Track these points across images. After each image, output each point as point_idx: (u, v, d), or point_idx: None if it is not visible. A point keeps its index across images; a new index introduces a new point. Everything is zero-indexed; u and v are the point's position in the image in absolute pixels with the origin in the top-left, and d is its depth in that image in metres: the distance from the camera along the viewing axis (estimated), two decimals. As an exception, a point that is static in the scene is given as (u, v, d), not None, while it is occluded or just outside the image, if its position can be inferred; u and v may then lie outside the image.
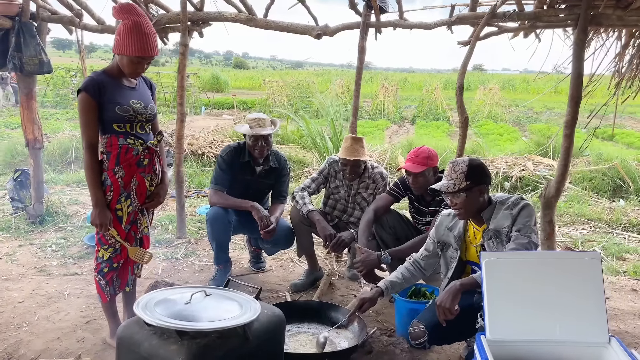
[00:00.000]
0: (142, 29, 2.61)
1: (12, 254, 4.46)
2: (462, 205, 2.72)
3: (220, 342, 2.07)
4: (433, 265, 3.07)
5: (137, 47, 2.61)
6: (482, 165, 2.78)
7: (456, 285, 2.58)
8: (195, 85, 19.59)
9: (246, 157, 3.84)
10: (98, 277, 2.96)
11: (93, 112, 2.69)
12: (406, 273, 3.00)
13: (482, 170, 2.75)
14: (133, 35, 2.60)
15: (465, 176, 2.68)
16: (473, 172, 2.69)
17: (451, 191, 2.69)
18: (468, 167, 2.70)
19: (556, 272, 2.31)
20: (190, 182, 7.16)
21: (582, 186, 7.25)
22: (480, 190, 2.72)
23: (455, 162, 2.76)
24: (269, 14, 4.52)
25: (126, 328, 2.19)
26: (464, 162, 2.73)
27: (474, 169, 2.71)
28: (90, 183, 2.77)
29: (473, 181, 2.69)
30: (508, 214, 2.70)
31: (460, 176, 2.69)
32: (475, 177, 2.70)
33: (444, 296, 2.56)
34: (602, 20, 3.75)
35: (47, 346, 3.06)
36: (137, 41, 2.61)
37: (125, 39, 2.61)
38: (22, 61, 4.60)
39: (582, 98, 3.72)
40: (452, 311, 2.53)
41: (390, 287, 2.97)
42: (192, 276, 4.15)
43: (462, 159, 2.77)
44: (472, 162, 2.75)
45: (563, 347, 2.24)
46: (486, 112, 19.29)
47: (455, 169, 2.72)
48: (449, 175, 2.73)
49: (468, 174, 2.68)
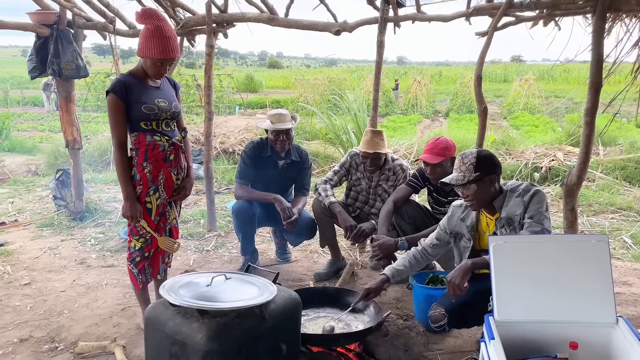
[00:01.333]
0: (163, 33, 2.78)
1: (55, 248, 4.76)
2: (473, 196, 2.75)
3: (239, 321, 2.22)
4: (440, 253, 3.15)
5: (158, 49, 2.78)
6: (490, 155, 2.80)
7: (467, 263, 2.66)
8: (229, 86, 19.97)
9: (269, 151, 3.99)
10: (131, 265, 3.17)
11: (121, 112, 2.88)
12: (413, 260, 3.08)
13: (491, 160, 2.77)
14: (155, 39, 2.77)
15: (474, 167, 2.71)
16: (482, 163, 2.72)
17: (461, 183, 2.72)
18: (477, 158, 2.72)
19: (563, 254, 2.35)
20: (222, 178, 7.39)
21: (613, 175, 7.11)
22: (490, 181, 2.74)
23: (464, 154, 2.78)
24: (290, 13, 4.65)
25: (153, 309, 2.37)
26: (472, 153, 2.75)
27: (482, 159, 2.73)
28: (121, 178, 2.98)
29: (482, 172, 2.71)
30: (520, 201, 2.72)
31: (469, 168, 2.71)
32: (485, 167, 2.72)
33: (454, 273, 2.65)
34: (620, 6, 3.71)
35: (86, 331, 3.29)
36: (159, 44, 2.78)
37: (147, 42, 2.79)
38: (60, 67, 4.88)
39: (602, 85, 3.70)
40: (462, 287, 2.61)
41: (396, 274, 3.04)
42: (222, 267, 4.34)
43: (471, 150, 2.80)
44: (480, 152, 2.77)
45: (570, 327, 2.27)
46: (522, 103, 18.93)
47: (464, 161, 2.74)
48: (459, 167, 2.76)
49: (477, 165, 2.71)
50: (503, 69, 39.66)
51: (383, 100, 18.45)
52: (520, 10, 4.02)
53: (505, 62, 55.96)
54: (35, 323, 3.37)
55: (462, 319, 2.86)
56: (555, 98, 23.18)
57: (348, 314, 3.06)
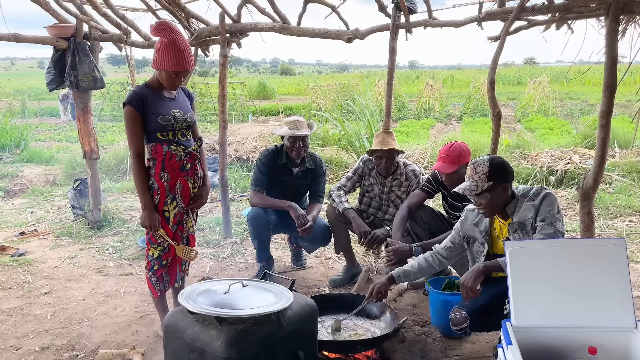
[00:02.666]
0: (177, 46, 2.82)
1: (74, 257, 4.83)
2: (486, 204, 2.76)
3: (256, 328, 2.24)
4: (455, 256, 3.15)
5: (173, 62, 2.83)
6: (503, 163, 2.79)
7: (479, 266, 2.68)
8: (242, 94, 20.10)
9: (283, 159, 4.02)
10: (149, 274, 3.21)
11: (138, 123, 2.94)
12: (423, 263, 3.08)
13: (504, 168, 2.76)
14: (169, 52, 2.82)
15: (487, 177, 2.70)
16: (495, 172, 2.71)
17: (474, 193, 2.72)
18: (489, 167, 2.71)
19: (580, 258, 2.34)
20: (236, 186, 7.44)
21: (630, 177, 7.03)
22: (503, 188, 2.74)
23: (476, 163, 2.76)
24: (302, 21, 4.70)
25: (172, 317, 2.40)
26: (485, 162, 2.73)
27: (495, 168, 2.72)
28: (139, 188, 3.02)
29: (495, 180, 2.70)
30: (530, 205, 2.73)
31: (482, 177, 2.70)
32: (498, 176, 2.71)
33: (467, 276, 2.67)
34: (634, 8, 3.69)
35: (106, 339, 3.34)
36: (173, 57, 2.82)
37: (162, 55, 2.83)
38: (77, 78, 4.97)
39: (617, 87, 3.68)
40: (474, 290, 2.62)
41: (402, 275, 3.06)
42: (237, 274, 4.38)
43: (483, 158, 2.77)
44: (492, 161, 2.75)
45: (589, 332, 2.26)
46: (536, 106, 18.78)
47: (476, 170, 2.73)
48: (471, 176, 2.75)
49: (490, 174, 2.70)
50: (516, 72, 39.37)
51: (395, 105, 18.43)
52: (532, 14, 4.01)
53: (518, 64, 55.62)
54: (55, 331, 3.43)
55: (483, 322, 2.86)
56: (570, 100, 22.96)
57: (364, 320, 3.07)
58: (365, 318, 3.17)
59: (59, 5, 4.86)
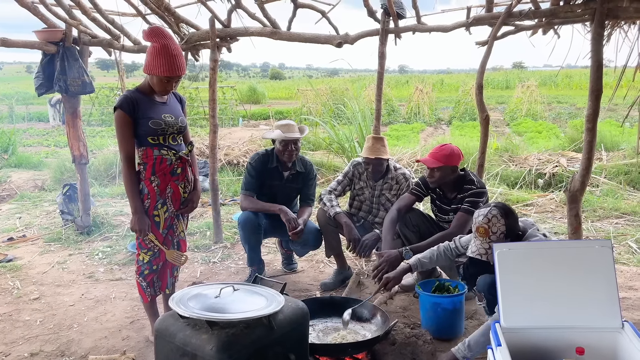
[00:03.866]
0: (169, 51, 2.83)
1: (63, 262, 4.80)
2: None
3: (247, 332, 2.26)
4: None
5: (165, 67, 2.84)
6: (512, 212, 2.75)
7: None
8: (232, 98, 20.07)
9: (274, 162, 4.03)
10: (139, 279, 3.20)
11: (128, 127, 2.94)
12: (441, 255, 3.12)
13: (515, 220, 2.74)
14: (161, 57, 2.83)
15: (504, 236, 2.67)
16: (510, 227, 2.69)
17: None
18: (506, 226, 2.67)
19: (567, 260, 2.38)
20: (227, 190, 7.43)
21: (617, 180, 7.12)
22: (517, 237, 2.74)
23: (490, 222, 2.67)
24: (292, 26, 4.72)
25: (163, 321, 2.41)
26: (500, 221, 2.66)
27: (510, 224, 2.69)
28: (129, 192, 3.02)
29: (512, 236, 2.70)
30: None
31: (500, 237, 2.67)
32: (513, 230, 2.70)
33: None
34: (619, 13, 3.76)
35: (96, 344, 3.32)
36: (165, 62, 2.83)
37: (154, 60, 2.84)
38: (66, 83, 4.95)
39: (602, 91, 3.74)
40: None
41: (419, 264, 3.09)
42: (228, 278, 4.37)
43: (492, 214, 2.69)
44: (506, 216, 2.69)
45: (577, 333, 2.30)
46: (524, 110, 18.95)
47: (492, 230, 2.66)
48: (487, 236, 2.67)
49: (507, 232, 2.67)
50: (505, 76, 39.66)
51: (385, 109, 18.50)
52: (519, 20, 4.08)
53: (506, 68, 55.96)
54: (45, 337, 3.41)
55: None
56: (558, 104, 23.19)
57: (355, 323, 3.08)
58: (356, 321, 3.18)
59: (48, 9, 4.84)
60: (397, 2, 4.37)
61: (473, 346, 2.66)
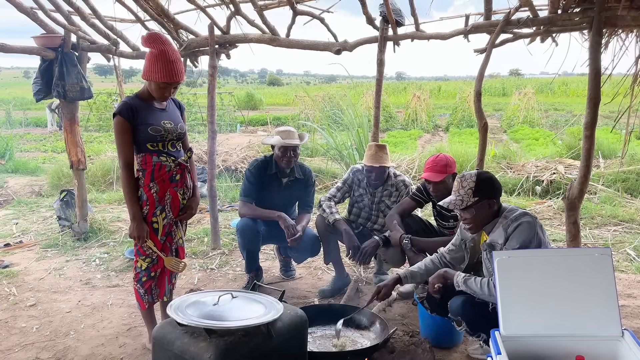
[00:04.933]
0: (167, 57, 2.83)
1: (60, 268, 4.77)
2: (471, 220, 2.73)
3: (246, 340, 2.24)
4: (459, 260, 3.10)
5: (162, 73, 2.83)
6: (490, 178, 2.76)
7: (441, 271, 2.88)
8: (230, 104, 20.09)
9: (273, 169, 4.03)
10: (137, 285, 3.18)
11: (128, 133, 2.93)
12: (430, 265, 3.07)
13: (491, 184, 2.73)
14: (159, 63, 2.82)
15: (473, 192, 2.67)
16: (481, 187, 2.68)
17: (459, 208, 2.71)
18: (476, 182, 2.68)
19: (567, 268, 2.38)
20: (225, 196, 7.42)
21: (614, 187, 7.14)
22: (489, 204, 2.70)
23: (463, 177, 2.74)
24: (291, 33, 4.73)
25: (160, 328, 2.39)
26: (472, 176, 2.71)
27: (482, 183, 2.69)
28: (128, 199, 3.01)
29: (481, 196, 2.67)
30: (502, 231, 2.66)
31: (468, 192, 2.68)
32: (484, 192, 2.68)
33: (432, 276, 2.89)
34: (617, 22, 3.77)
35: (92, 352, 3.30)
36: (163, 68, 2.83)
37: (152, 66, 2.84)
38: (65, 89, 4.94)
39: (600, 99, 3.75)
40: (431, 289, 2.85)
41: (409, 275, 3.05)
42: (226, 285, 4.35)
43: (470, 173, 2.75)
44: (480, 176, 2.72)
45: (576, 341, 2.29)
46: (522, 117, 19.02)
47: (463, 184, 2.70)
48: (457, 190, 2.72)
49: (476, 190, 2.67)
50: (502, 83, 39.85)
51: (383, 115, 18.55)
52: (517, 27, 4.08)
53: (503, 75, 56.24)
54: (41, 344, 3.38)
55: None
56: (555, 111, 23.28)
57: (354, 331, 3.07)
58: (355, 329, 3.17)
59: (47, 15, 4.84)
60: (396, 10, 4.38)
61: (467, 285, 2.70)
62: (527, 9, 3.94)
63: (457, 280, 2.73)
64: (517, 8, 3.95)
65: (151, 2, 4.50)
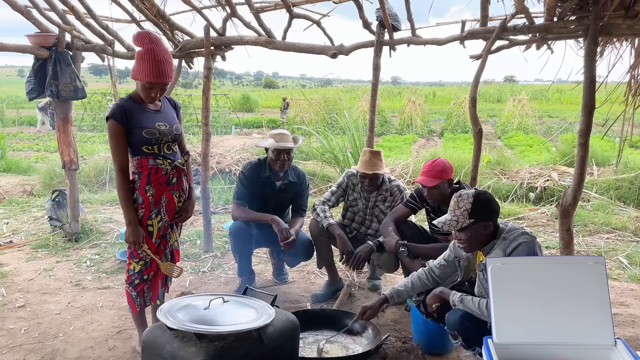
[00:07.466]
0: (154, 56, 2.74)
1: (50, 269, 4.72)
2: (465, 241, 2.68)
3: (237, 345, 2.22)
4: (448, 274, 3.08)
5: (147, 72, 2.75)
6: (488, 200, 2.69)
7: (436, 290, 2.86)
8: (225, 106, 20.09)
9: (267, 172, 4.01)
10: (129, 288, 3.13)
11: (122, 137, 2.87)
12: (416, 281, 3.04)
13: (488, 206, 2.66)
14: (145, 62, 2.74)
15: (469, 213, 2.61)
16: (478, 209, 2.61)
17: (454, 229, 2.65)
18: (473, 203, 2.61)
19: (561, 276, 2.38)
20: (218, 199, 7.38)
21: (607, 195, 7.17)
22: (485, 227, 2.64)
23: (460, 197, 2.67)
24: (287, 36, 4.72)
25: (150, 332, 2.36)
26: (469, 197, 2.63)
27: (478, 205, 2.62)
28: (123, 203, 2.95)
29: (477, 218, 2.61)
30: (501, 252, 2.62)
31: (464, 213, 2.61)
32: (480, 213, 2.62)
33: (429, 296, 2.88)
34: (612, 30, 3.78)
35: (82, 354, 3.26)
36: (149, 67, 2.74)
37: (139, 65, 2.76)
38: (58, 88, 4.90)
39: (595, 107, 3.76)
40: (429, 309, 2.86)
41: (395, 295, 3.02)
42: (218, 288, 4.32)
43: (468, 193, 2.68)
44: (477, 197, 2.65)
45: (569, 349, 2.29)
46: (516, 123, 19.11)
47: (459, 205, 2.63)
48: (453, 210, 2.65)
49: (472, 211, 2.60)
50: (496, 89, 40.07)
51: (378, 120, 18.57)
52: (513, 34, 4.09)
53: (498, 82, 56.49)
54: (29, 346, 3.34)
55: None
56: (549, 118, 23.40)
57: (346, 337, 3.05)
58: (347, 334, 3.15)
59: (42, 14, 4.79)
60: (392, 15, 4.38)
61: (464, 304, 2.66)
62: (524, 16, 3.94)
63: (453, 299, 2.70)
64: (514, 15, 3.96)
65: (147, 2, 4.47)
